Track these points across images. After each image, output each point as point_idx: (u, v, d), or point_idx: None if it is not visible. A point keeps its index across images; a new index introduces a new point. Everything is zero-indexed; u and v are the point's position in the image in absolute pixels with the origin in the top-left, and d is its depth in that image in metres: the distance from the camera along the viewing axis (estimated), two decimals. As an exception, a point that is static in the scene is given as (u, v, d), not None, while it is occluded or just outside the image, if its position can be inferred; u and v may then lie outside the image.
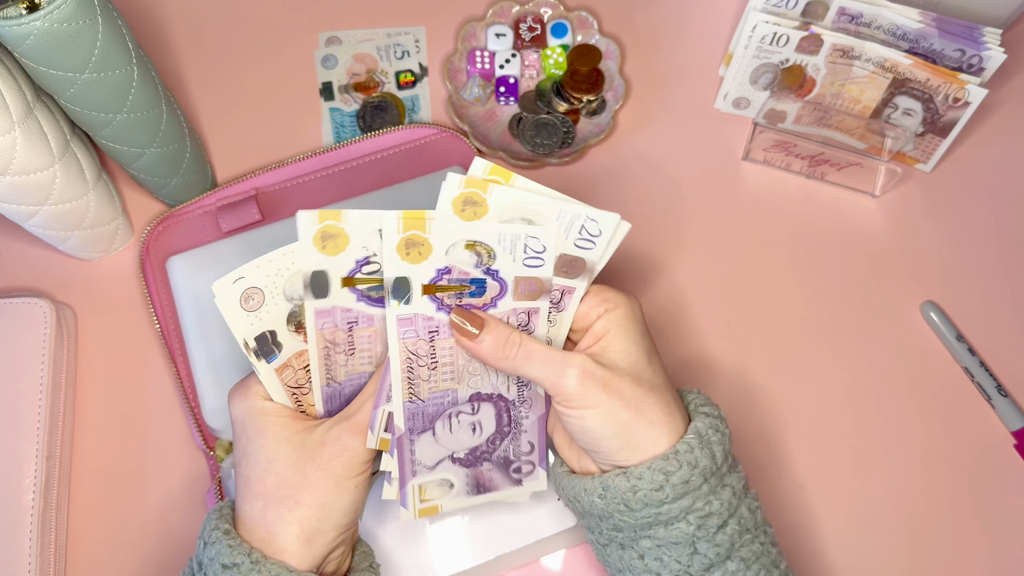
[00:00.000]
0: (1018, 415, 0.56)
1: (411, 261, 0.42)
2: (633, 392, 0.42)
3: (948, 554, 0.54)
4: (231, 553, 0.40)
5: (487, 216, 0.43)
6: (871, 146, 0.60)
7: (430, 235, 0.42)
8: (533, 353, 0.43)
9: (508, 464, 0.48)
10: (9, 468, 0.52)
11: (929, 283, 0.60)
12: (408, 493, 0.46)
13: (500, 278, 0.44)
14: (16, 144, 0.48)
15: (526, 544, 0.52)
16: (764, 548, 0.43)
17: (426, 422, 0.45)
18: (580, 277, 0.45)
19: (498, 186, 0.42)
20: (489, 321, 0.43)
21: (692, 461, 0.41)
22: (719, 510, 0.41)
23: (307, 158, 0.62)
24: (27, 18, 0.43)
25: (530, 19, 0.67)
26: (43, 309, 0.56)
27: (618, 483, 0.41)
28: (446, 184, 0.42)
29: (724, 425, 0.43)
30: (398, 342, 0.44)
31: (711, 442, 0.42)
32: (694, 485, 0.41)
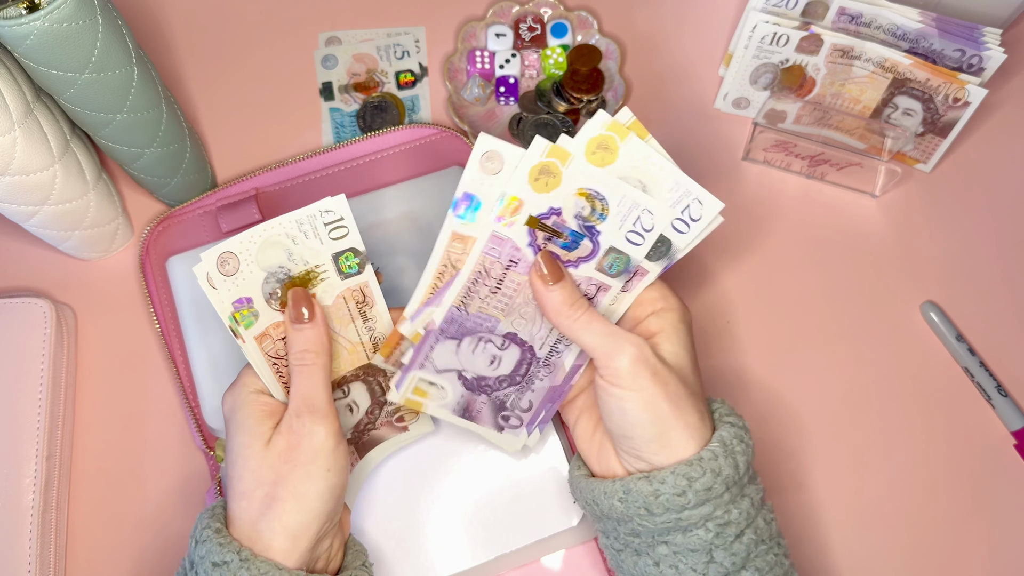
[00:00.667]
0: (1018, 415, 0.56)
1: (536, 189, 0.44)
2: (677, 390, 0.42)
3: (948, 554, 0.54)
4: (221, 551, 0.40)
5: (612, 165, 0.44)
6: (871, 146, 0.60)
7: (565, 169, 0.44)
8: (595, 321, 0.43)
9: (501, 408, 0.49)
10: (9, 468, 0.52)
11: (929, 283, 0.60)
12: (406, 379, 0.48)
13: (597, 241, 0.45)
14: (16, 144, 0.48)
15: (526, 544, 0.52)
16: (778, 559, 0.43)
17: (459, 332, 0.47)
18: (659, 260, 0.46)
19: (635, 139, 0.44)
20: (567, 277, 0.45)
21: (716, 469, 0.41)
22: (737, 519, 0.42)
23: (307, 158, 0.62)
24: (27, 18, 0.43)
25: (530, 19, 0.67)
26: (43, 309, 0.56)
27: (640, 487, 0.41)
28: (590, 122, 0.44)
29: (748, 436, 0.44)
30: (480, 254, 0.45)
31: (735, 451, 0.42)
32: (716, 493, 0.41)
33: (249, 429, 0.43)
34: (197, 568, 0.41)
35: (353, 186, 0.61)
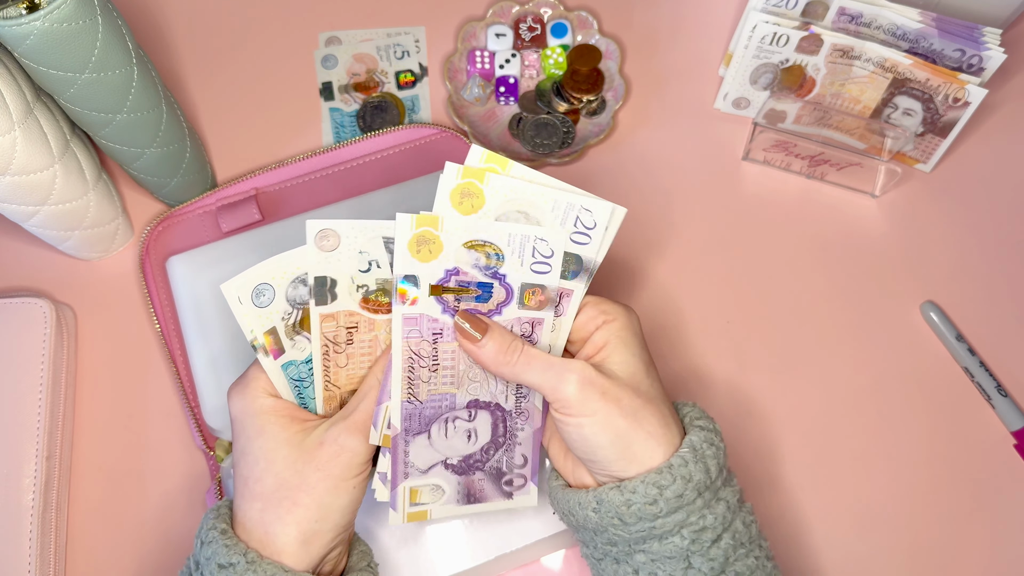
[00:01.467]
0: (1018, 415, 0.56)
1: (421, 259, 0.43)
2: (632, 402, 0.42)
3: (948, 554, 0.54)
4: (227, 553, 0.40)
5: (484, 208, 0.43)
6: (871, 146, 0.60)
7: (442, 233, 0.42)
8: (533, 359, 0.42)
9: (500, 476, 0.47)
10: (9, 468, 0.52)
11: (929, 283, 0.60)
12: (399, 495, 0.46)
13: (507, 283, 0.44)
14: (16, 144, 0.48)
15: (526, 544, 0.52)
16: (759, 563, 0.43)
17: (422, 424, 0.45)
18: (578, 276, 0.45)
19: (495, 175, 0.43)
20: (492, 327, 0.43)
21: (686, 475, 0.41)
22: (713, 524, 0.41)
23: (307, 158, 0.62)
24: (27, 18, 0.43)
25: (530, 19, 0.67)
26: (43, 309, 0.56)
27: (612, 497, 0.41)
28: (444, 176, 0.42)
29: (719, 439, 0.43)
30: (402, 340, 0.43)
31: (705, 456, 0.42)
32: (688, 499, 0.41)
33: (273, 434, 0.42)
34: (203, 569, 0.41)
35: (353, 186, 0.61)
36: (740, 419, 0.57)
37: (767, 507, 0.55)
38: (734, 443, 0.56)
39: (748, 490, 0.55)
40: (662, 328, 0.59)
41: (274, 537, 0.41)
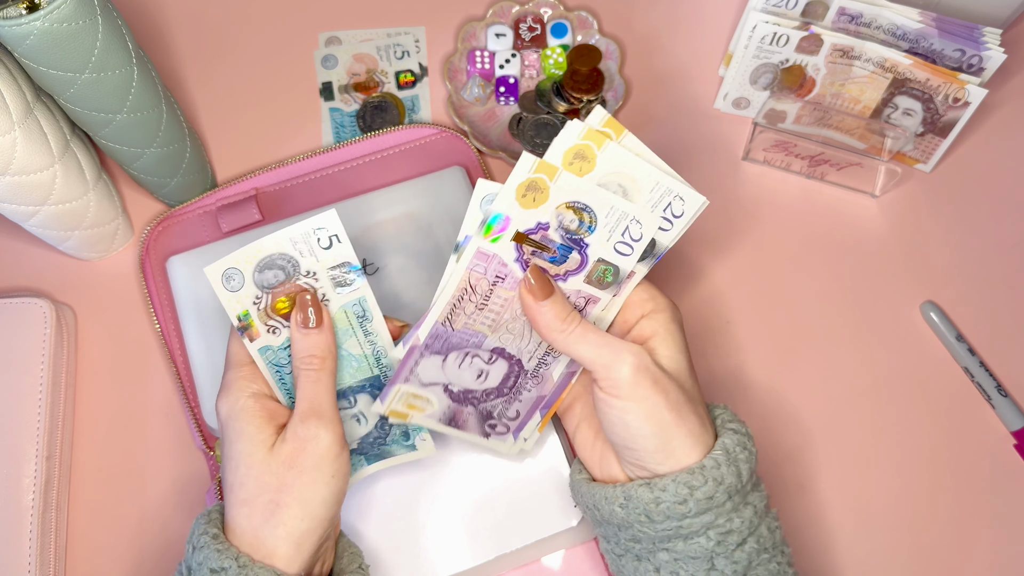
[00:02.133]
0: (1018, 415, 0.56)
1: (523, 204, 0.43)
2: (678, 397, 0.41)
3: (948, 553, 0.54)
4: (219, 558, 0.40)
5: (591, 173, 0.44)
6: (871, 146, 0.60)
7: (553, 184, 0.43)
8: (589, 333, 0.42)
9: (487, 418, 0.48)
10: (9, 468, 0.52)
11: (929, 283, 0.60)
12: (390, 393, 0.47)
13: (585, 253, 0.44)
14: (16, 144, 0.48)
15: (526, 544, 0.52)
16: (780, 568, 0.42)
17: (444, 348, 0.46)
18: (646, 260, 0.45)
19: (611, 143, 0.43)
20: (558, 292, 0.44)
21: (718, 477, 0.40)
22: (739, 527, 0.41)
23: (307, 158, 0.62)
24: (27, 18, 0.43)
25: (530, 19, 0.67)
26: (43, 309, 0.56)
27: (641, 494, 0.41)
28: (564, 131, 0.43)
29: (751, 443, 0.43)
30: (466, 271, 0.44)
31: (738, 459, 0.41)
32: (718, 501, 0.40)
33: (250, 436, 0.42)
34: (195, 574, 0.41)
35: (353, 186, 0.61)
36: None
37: (767, 507, 0.55)
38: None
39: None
40: (662, 328, 0.59)
41: (264, 540, 0.41)
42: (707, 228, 0.62)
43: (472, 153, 0.63)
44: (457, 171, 0.60)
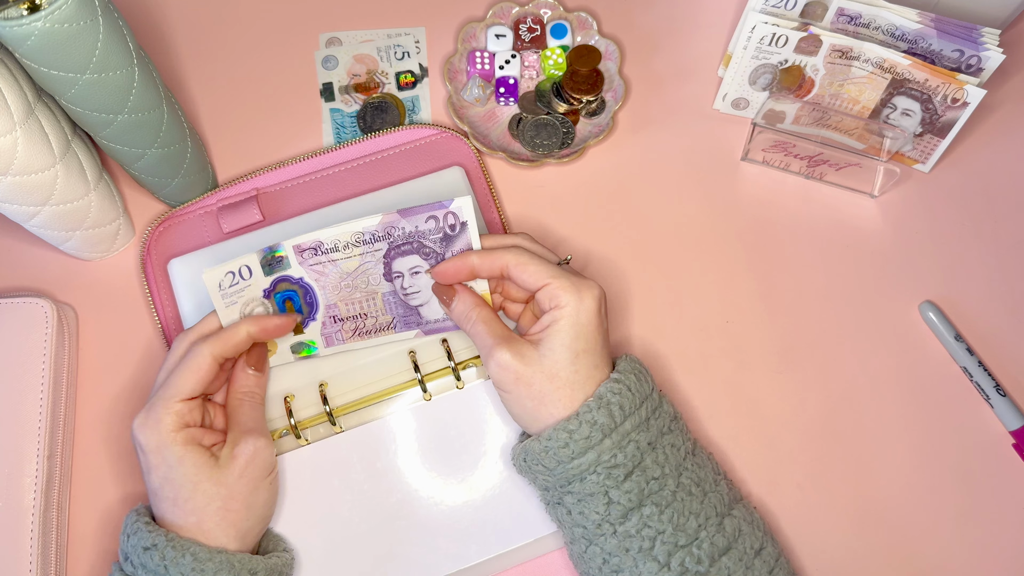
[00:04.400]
0: (1016, 415, 0.56)
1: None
2: (542, 387, 0.48)
3: (947, 553, 0.54)
4: (150, 536, 0.46)
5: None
6: (870, 146, 0.60)
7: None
8: (478, 331, 0.50)
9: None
10: (11, 467, 0.52)
11: (928, 283, 0.60)
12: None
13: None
14: (17, 144, 0.48)
15: (526, 543, 0.52)
16: (675, 493, 0.47)
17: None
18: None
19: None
20: (459, 293, 0.51)
21: (591, 420, 0.47)
22: (624, 462, 0.47)
23: (308, 158, 0.62)
24: (28, 19, 0.43)
25: (530, 20, 0.67)
26: (44, 309, 0.56)
27: (532, 446, 0.48)
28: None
29: (626, 386, 0.48)
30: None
31: (609, 403, 0.47)
32: (595, 440, 0.46)
33: (192, 460, 0.47)
34: (131, 557, 0.47)
35: (354, 186, 0.62)
36: (739, 418, 0.57)
37: (766, 506, 0.55)
38: (732, 442, 0.56)
39: (747, 489, 0.55)
40: (660, 328, 0.59)
41: (215, 538, 0.47)
42: (706, 228, 0.62)
43: (472, 154, 0.63)
44: (457, 171, 0.60)
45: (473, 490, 0.53)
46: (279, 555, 0.50)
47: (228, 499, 0.48)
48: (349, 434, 0.54)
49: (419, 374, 0.54)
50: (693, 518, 0.47)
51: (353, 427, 0.54)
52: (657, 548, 0.46)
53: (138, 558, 0.46)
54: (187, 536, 0.47)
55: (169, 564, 0.45)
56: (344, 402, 0.54)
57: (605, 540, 0.47)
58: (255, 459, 0.49)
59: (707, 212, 0.63)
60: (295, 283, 0.52)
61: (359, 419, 0.54)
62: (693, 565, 0.46)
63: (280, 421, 0.54)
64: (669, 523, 0.46)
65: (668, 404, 0.51)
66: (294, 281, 0.52)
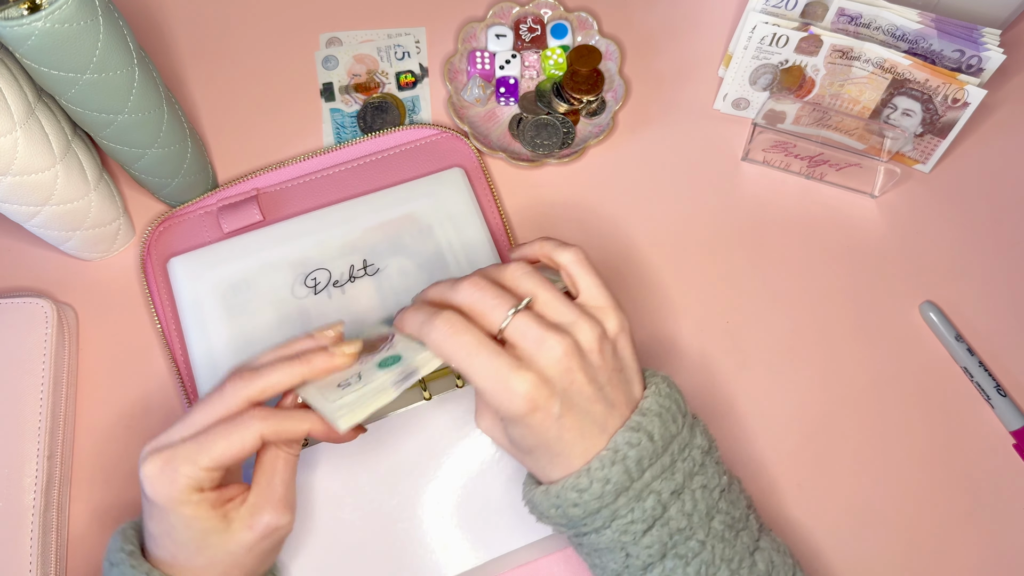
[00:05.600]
0: (1017, 415, 0.56)
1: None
2: (534, 441, 0.43)
3: (947, 554, 0.54)
4: (134, 573, 0.42)
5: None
6: (870, 146, 0.60)
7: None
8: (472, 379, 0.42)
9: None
10: (10, 468, 0.52)
11: (928, 283, 0.60)
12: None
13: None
14: (18, 144, 0.48)
15: (526, 544, 0.52)
16: (705, 541, 0.43)
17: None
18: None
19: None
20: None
21: (603, 478, 0.42)
22: (642, 517, 0.42)
23: (308, 158, 0.62)
24: (28, 19, 0.43)
25: (530, 20, 0.67)
26: (44, 309, 0.56)
27: (540, 499, 0.44)
28: None
29: (647, 437, 0.43)
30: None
31: (626, 457, 0.42)
32: (607, 500, 0.42)
33: (201, 526, 0.42)
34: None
35: (354, 187, 0.62)
36: (739, 419, 0.57)
37: (765, 506, 0.55)
38: (733, 443, 0.56)
39: (747, 489, 0.55)
40: (661, 329, 0.59)
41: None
42: (706, 229, 0.62)
43: (472, 154, 0.63)
44: (457, 172, 0.60)
45: (474, 491, 0.53)
46: None
47: (231, 567, 0.43)
48: None
49: None
50: (725, 566, 0.43)
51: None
52: None
53: None
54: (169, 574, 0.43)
55: None
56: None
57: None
58: (273, 536, 0.43)
59: (707, 212, 0.62)
60: None
61: None
62: None
63: None
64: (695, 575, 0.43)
65: (701, 436, 0.46)
66: None
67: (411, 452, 0.53)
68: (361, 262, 0.57)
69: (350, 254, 0.57)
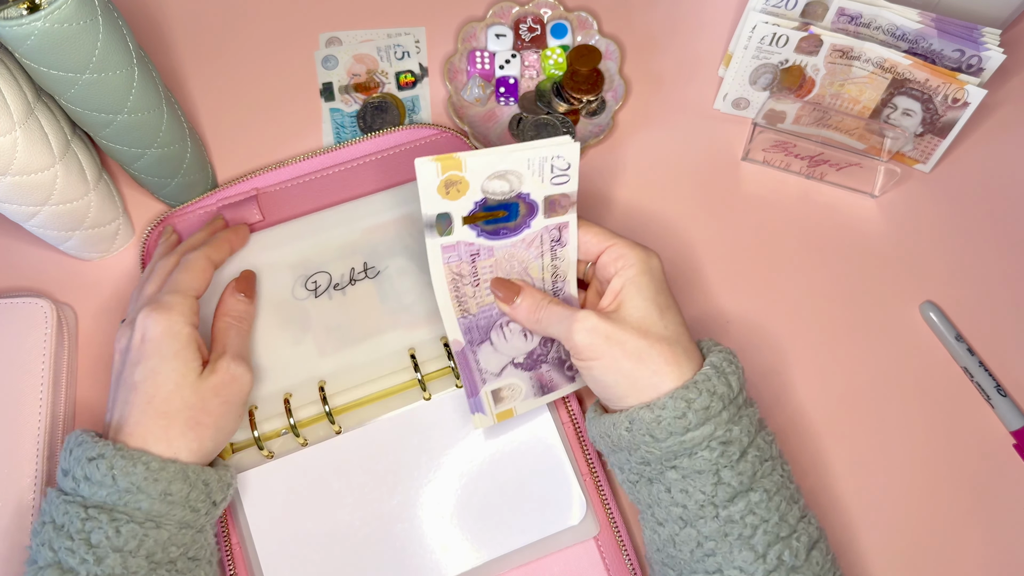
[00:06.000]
0: (1017, 415, 0.56)
1: (451, 198, 0.47)
2: (637, 344, 0.45)
3: (947, 554, 0.54)
4: (96, 447, 0.44)
5: (470, 191, 0.47)
6: (870, 146, 0.60)
7: (466, 172, 0.46)
8: (551, 314, 0.48)
9: (563, 363, 0.52)
10: (10, 467, 0.52)
11: (928, 283, 0.60)
12: (482, 400, 0.51)
13: (530, 200, 0.48)
14: (17, 144, 0.48)
15: (526, 544, 0.52)
16: (784, 480, 0.45)
17: (482, 334, 0.51)
18: (569, 211, 0.49)
19: (471, 159, 0.46)
20: (524, 289, 0.49)
21: (711, 388, 0.44)
22: (739, 437, 0.44)
23: (307, 158, 0.62)
24: (28, 18, 0.43)
25: (530, 20, 0.67)
26: (44, 309, 0.56)
27: (643, 415, 0.44)
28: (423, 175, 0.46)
29: (736, 359, 0.46)
30: (443, 266, 0.49)
31: (726, 372, 0.45)
32: (714, 411, 0.44)
33: (185, 359, 0.47)
34: (73, 472, 0.45)
35: (354, 187, 0.61)
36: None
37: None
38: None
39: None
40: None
41: (174, 447, 0.46)
42: (706, 228, 0.62)
43: (472, 153, 0.63)
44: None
45: (474, 491, 0.53)
46: (225, 467, 0.49)
47: (201, 412, 0.47)
48: (349, 435, 0.54)
49: (419, 374, 0.53)
50: (797, 508, 0.45)
51: (352, 428, 0.54)
52: (758, 537, 0.43)
53: (81, 470, 0.44)
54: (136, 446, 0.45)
55: (118, 474, 0.43)
56: (343, 402, 0.54)
57: (705, 523, 0.44)
58: (235, 382, 0.49)
59: (707, 212, 0.62)
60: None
61: (358, 420, 0.54)
62: (790, 558, 0.43)
63: (279, 420, 0.53)
64: (776, 511, 0.44)
65: None
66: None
67: (411, 452, 0.53)
68: (362, 264, 0.57)
69: (350, 255, 0.57)
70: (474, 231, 0.48)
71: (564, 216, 0.49)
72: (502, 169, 0.46)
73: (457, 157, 0.45)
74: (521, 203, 0.48)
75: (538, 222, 0.49)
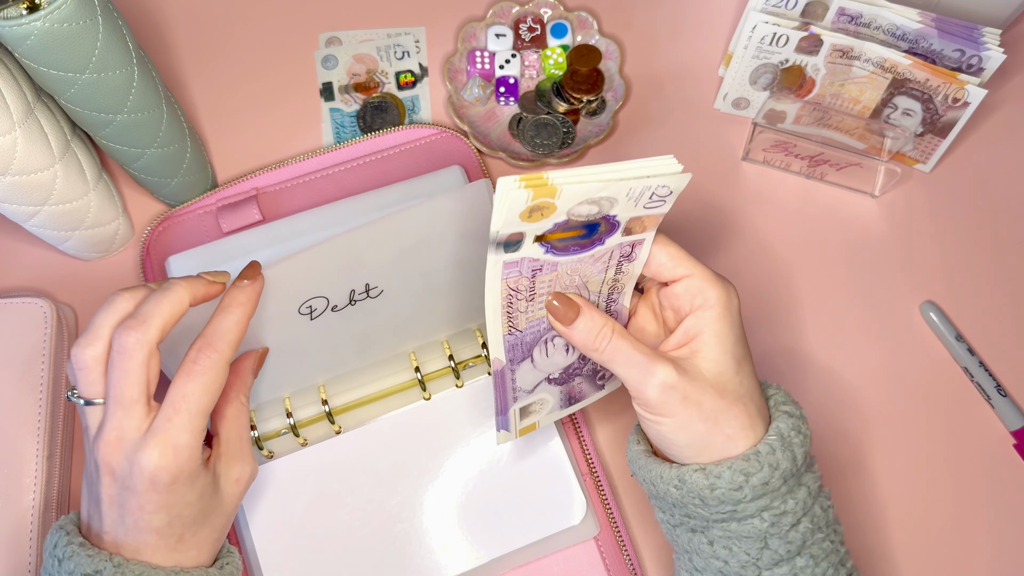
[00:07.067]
0: (1017, 415, 0.56)
1: (532, 221, 0.41)
2: (714, 405, 0.41)
3: (947, 554, 0.54)
4: (91, 562, 0.40)
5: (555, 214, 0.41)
6: (871, 146, 0.60)
7: (558, 200, 0.40)
8: (619, 352, 0.42)
9: (596, 375, 0.49)
10: (10, 467, 0.52)
11: (929, 283, 0.60)
12: (510, 419, 0.48)
13: (615, 221, 0.43)
14: (17, 144, 0.48)
15: (526, 544, 0.52)
16: (834, 546, 0.43)
17: (525, 351, 0.46)
18: (649, 230, 0.44)
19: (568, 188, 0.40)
20: (584, 310, 0.43)
21: (773, 463, 0.40)
22: (794, 508, 0.41)
23: (307, 158, 0.62)
24: (27, 18, 0.43)
25: (530, 19, 0.67)
26: (44, 309, 0.56)
27: (696, 479, 0.41)
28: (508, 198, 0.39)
29: (805, 425, 0.43)
30: (500, 282, 0.42)
31: (792, 444, 0.41)
32: (773, 487, 0.40)
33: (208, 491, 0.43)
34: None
35: (353, 186, 0.61)
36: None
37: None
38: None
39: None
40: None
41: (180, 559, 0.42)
42: (707, 228, 0.62)
43: (472, 153, 0.63)
44: (457, 171, 0.60)
45: (474, 491, 0.53)
46: (229, 559, 0.45)
47: (225, 527, 0.44)
48: (348, 436, 0.54)
49: (419, 374, 0.53)
50: (844, 571, 0.43)
51: (352, 428, 0.54)
52: None
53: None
54: (133, 558, 0.40)
55: None
56: (343, 402, 0.54)
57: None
58: (242, 481, 0.45)
59: (707, 212, 0.62)
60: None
61: (358, 420, 0.54)
62: None
63: (279, 420, 0.53)
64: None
65: None
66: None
67: (411, 452, 0.53)
68: (363, 286, 0.54)
69: (350, 274, 0.56)
70: (543, 248, 0.43)
71: (642, 234, 0.44)
72: (598, 196, 0.41)
73: (552, 184, 0.39)
74: (604, 223, 0.43)
75: (613, 240, 0.44)
